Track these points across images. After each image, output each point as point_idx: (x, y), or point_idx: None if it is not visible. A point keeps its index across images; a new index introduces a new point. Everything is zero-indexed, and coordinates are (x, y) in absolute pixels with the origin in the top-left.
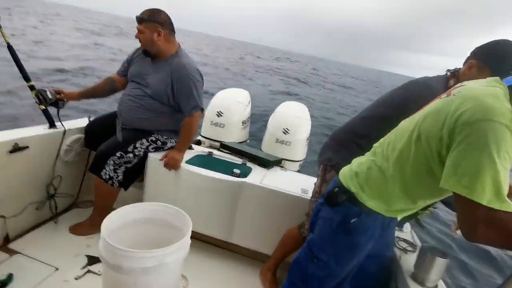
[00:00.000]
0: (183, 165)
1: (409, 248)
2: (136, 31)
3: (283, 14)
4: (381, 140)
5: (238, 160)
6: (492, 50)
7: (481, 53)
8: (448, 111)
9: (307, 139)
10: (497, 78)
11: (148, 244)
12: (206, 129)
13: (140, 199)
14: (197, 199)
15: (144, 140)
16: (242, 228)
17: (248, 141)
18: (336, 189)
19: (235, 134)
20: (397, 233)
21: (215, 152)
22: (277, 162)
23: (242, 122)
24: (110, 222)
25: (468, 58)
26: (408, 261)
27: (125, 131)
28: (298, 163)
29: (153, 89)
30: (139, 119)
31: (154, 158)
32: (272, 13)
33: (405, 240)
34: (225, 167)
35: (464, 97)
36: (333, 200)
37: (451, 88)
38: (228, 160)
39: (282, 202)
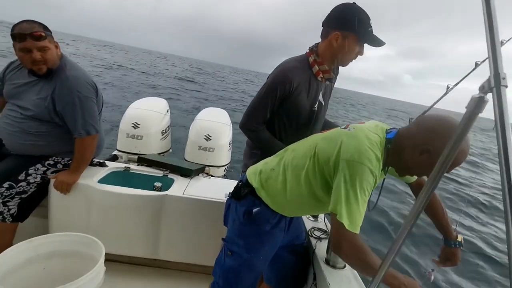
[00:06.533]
0: (95, 185)
1: (323, 236)
2: (33, 51)
3: (179, 21)
4: (290, 145)
5: (159, 173)
6: (347, 14)
7: (338, 21)
8: (338, 142)
9: (229, 144)
10: (385, 128)
11: (56, 281)
12: (122, 142)
13: (46, 229)
14: (115, 220)
15: (38, 165)
16: (169, 242)
17: (171, 150)
18: (240, 183)
19: (155, 145)
20: (312, 224)
21: (133, 166)
22: (200, 170)
23: (162, 132)
24: None
25: (327, 31)
26: (322, 247)
27: (13, 157)
28: (223, 168)
29: (32, 110)
30: (23, 145)
31: None
32: (169, 20)
33: (319, 229)
34: (145, 182)
35: (352, 135)
36: (237, 194)
37: (349, 124)
38: (148, 173)
39: (207, 209)
